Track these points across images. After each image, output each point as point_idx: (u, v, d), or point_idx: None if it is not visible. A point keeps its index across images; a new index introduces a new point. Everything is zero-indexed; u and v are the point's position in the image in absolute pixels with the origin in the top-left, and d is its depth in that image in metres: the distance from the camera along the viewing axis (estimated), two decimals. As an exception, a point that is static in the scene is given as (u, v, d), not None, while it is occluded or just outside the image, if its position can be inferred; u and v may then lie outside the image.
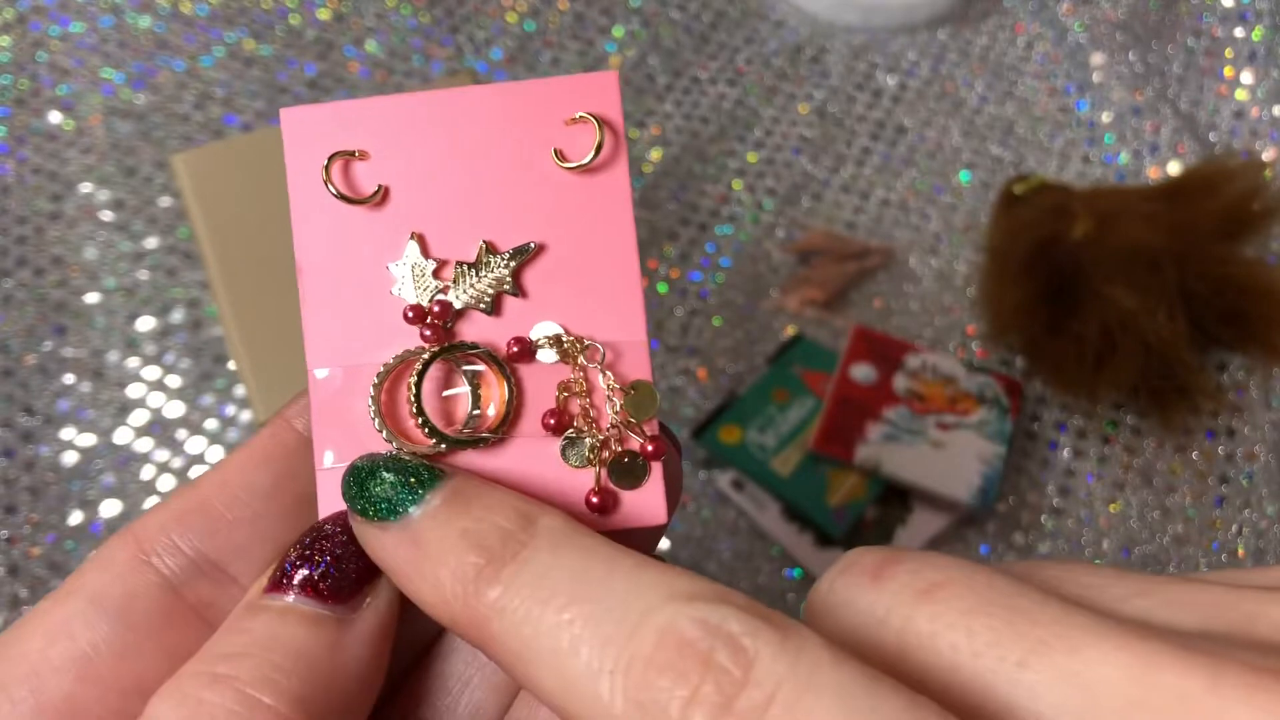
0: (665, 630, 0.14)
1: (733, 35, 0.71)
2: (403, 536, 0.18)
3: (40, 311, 0.55)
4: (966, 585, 0.15)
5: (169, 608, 0.20)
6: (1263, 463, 0.57)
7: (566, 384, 0.21)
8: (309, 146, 0.21)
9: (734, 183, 0.65)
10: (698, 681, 0.13)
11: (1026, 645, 0.14)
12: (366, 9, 0.68)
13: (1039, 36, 0.72)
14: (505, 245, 0.22)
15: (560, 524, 0.17)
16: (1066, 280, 0.56)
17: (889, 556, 0.16)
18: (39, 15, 0.64)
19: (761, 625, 0.14)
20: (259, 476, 0.21)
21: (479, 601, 0.16)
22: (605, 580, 0.15)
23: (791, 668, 0.13)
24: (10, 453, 0.52)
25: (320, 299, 0.21)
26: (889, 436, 0.54)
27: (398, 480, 0.18)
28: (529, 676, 0.15)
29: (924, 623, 0.15)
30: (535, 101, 0.22)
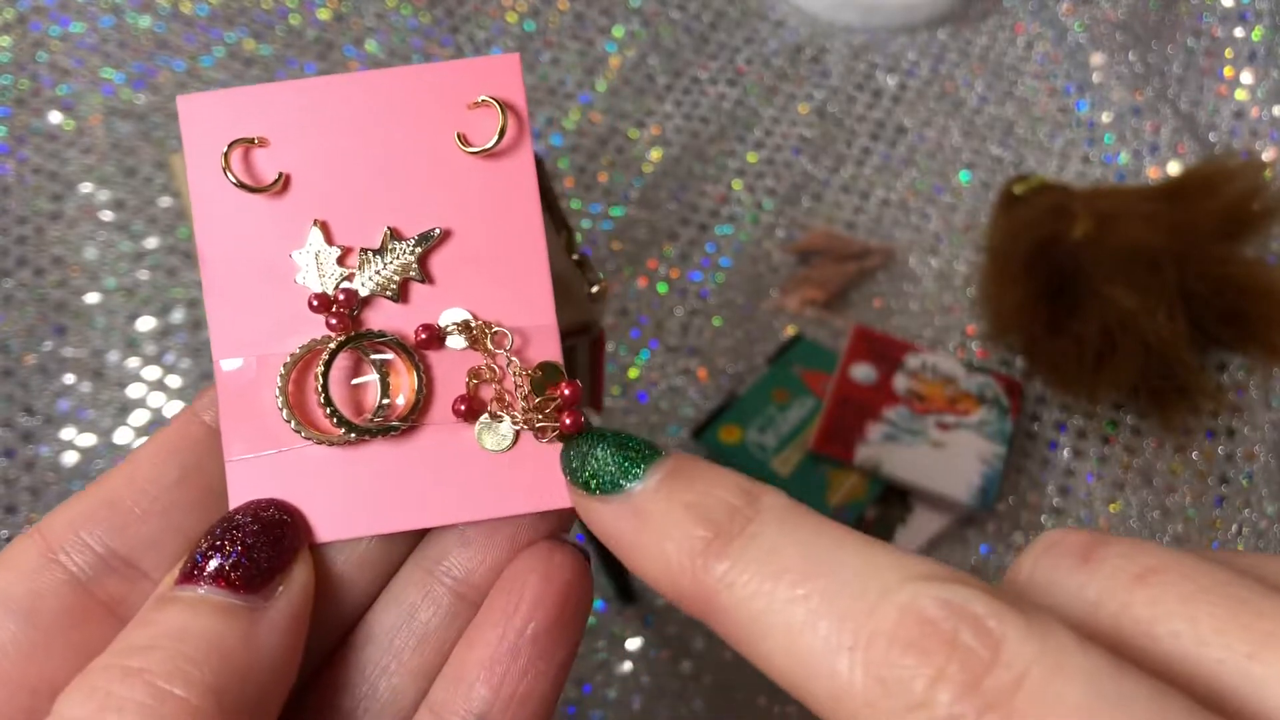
0: (907, 608, 0.14)
1: (733, 35, 0.71)
2: (624, 509, 0.18)
3: (40, 311, 0.55)
4: (1183, 572, 0.14)
5: (78, 605, 0.19)
6: (1262, 463, 0.57)
7: (476, 370, 0.21)
8: (208, 133, 0.21)
9: (734, 183, 0.65)
10: (943, 661, 0.13)
11: (1255, 637, 0.13)
12: (366, 9, 0.68)
13: (1039, 36, 0.72)
14: (410, 231, 0.21)
15: (785, 501, 0.17)
16: (1066, 280, 0.56)
17: (1096, 538, 0.15)
18: (39, 15, 0.64)
19: (1006, 608, 0.13)
20: (167, 470, 0.20)
21: (707, 575, 0.16)
22: (836, 557, 0.15)
23: (1040, 651, 0.13)
24: (10, 453, 0.52)
25: (224, 289, 0.21)
26: (889, 436, 0.54)
27: (620, 455, 0.18)
28: (760, 652, 0.15)
29: (1142, 608, 0.14)
30: (437, 85, 0.21)
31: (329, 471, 0.21)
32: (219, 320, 0.21)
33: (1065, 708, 0.12)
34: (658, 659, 0.50)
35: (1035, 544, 0.16)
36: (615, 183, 0.64)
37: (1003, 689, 0.13)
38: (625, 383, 0.57)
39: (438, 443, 0.21)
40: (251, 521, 0.19)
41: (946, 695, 0.13)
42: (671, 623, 0.51)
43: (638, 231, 0.62)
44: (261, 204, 0.21)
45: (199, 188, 0.21)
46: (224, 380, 0.21)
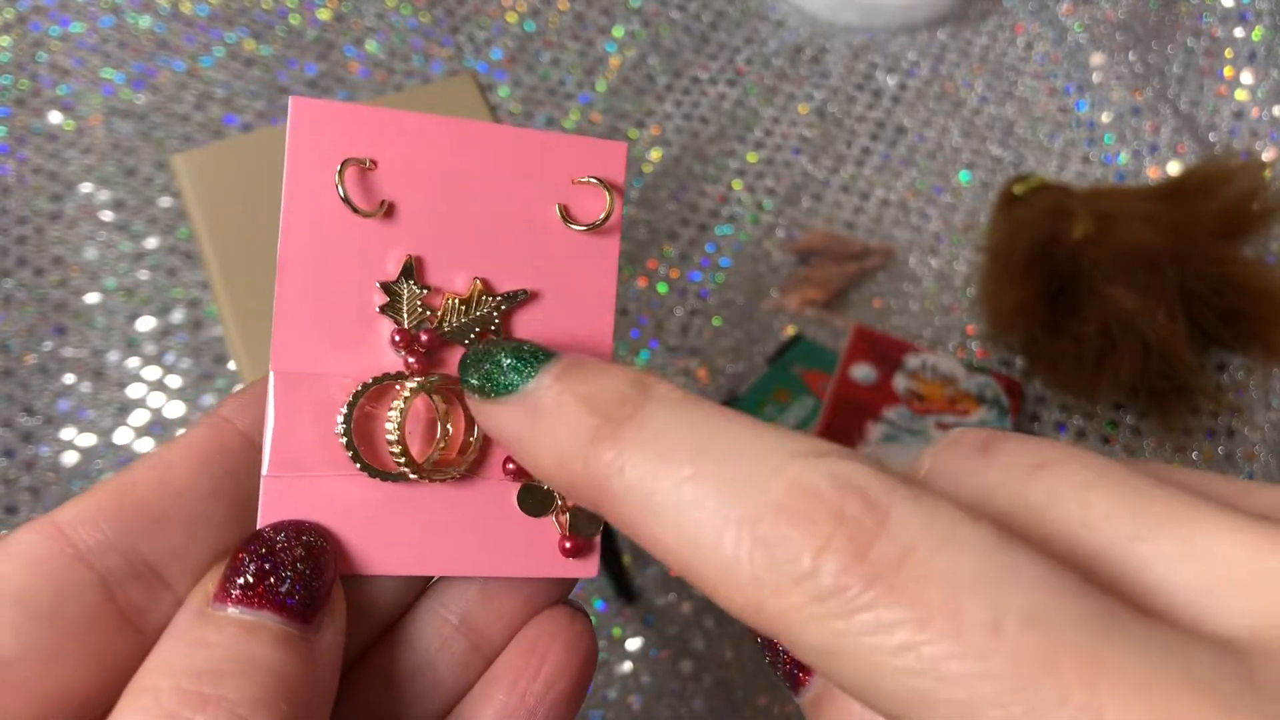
0: (795, 482, 0.13)
1: (733, 35, 0.71)
2: (520, 407, 0.17)
3: (40, 311, 0.55)
4: (1080, 463, 0.14)
5: (99, 610, 0.18)
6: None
7: None
8: (315, 141, 0.20)
9: (734, 183, 0.65)
10: (830, 531, 0.13)
11: (1144, 521, 0.13)
12: (367, 9, 0.68)
13: (1039, 36, 0.72)
14: (499, 286, 0.22)
15: (674, 390, 0.16)
16: (1066, 280, 0.56)
17: (995, 434, 0.15)
18: (39, 15, 0.64)
19: (895, 482, 0.13)
20: (200, 477, 0.19)
21: (597, 462, 0.15)
22: (726, 437, 0.15)
23: (927, 523, 0.13)
24: (10, 453, 0.52)
25: (297, 300, 0.21)
26: (889, 436, 0.54)
27: (514, 356, 0.18)
28: (650, 535, 0.15)
29: (1036, 495, 0.14)
30: (548, 154, 0.22)
31: (370, 504, 0.21)
32: (285, 331, 0.20)
33: (952, 579, 0.12)
34: (658, 659, 0.50)
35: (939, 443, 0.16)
36: (615, 183, 0.63)
37: (889, 560, 0.12)
38: (625, 383, 0.57)
39: (484, 496, 0.21)
40: (297, 545, 0.19)
41: (832, 565, 0.13)
42: (671, 623, 0.51)
43: (638, 231, 0.62)
44: (358, 225, 0.21)
45: (294, 194, 0.20)
46: (279, 392, 0.20)
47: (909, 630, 0.12)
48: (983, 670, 0.12)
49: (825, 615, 0.13)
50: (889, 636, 0.12)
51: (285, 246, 0.20)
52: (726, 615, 0.52)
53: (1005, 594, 0.12)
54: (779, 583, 0.13)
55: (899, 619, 0.12)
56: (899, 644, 0.12)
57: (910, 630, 0.12)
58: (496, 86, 0.66)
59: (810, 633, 0.13)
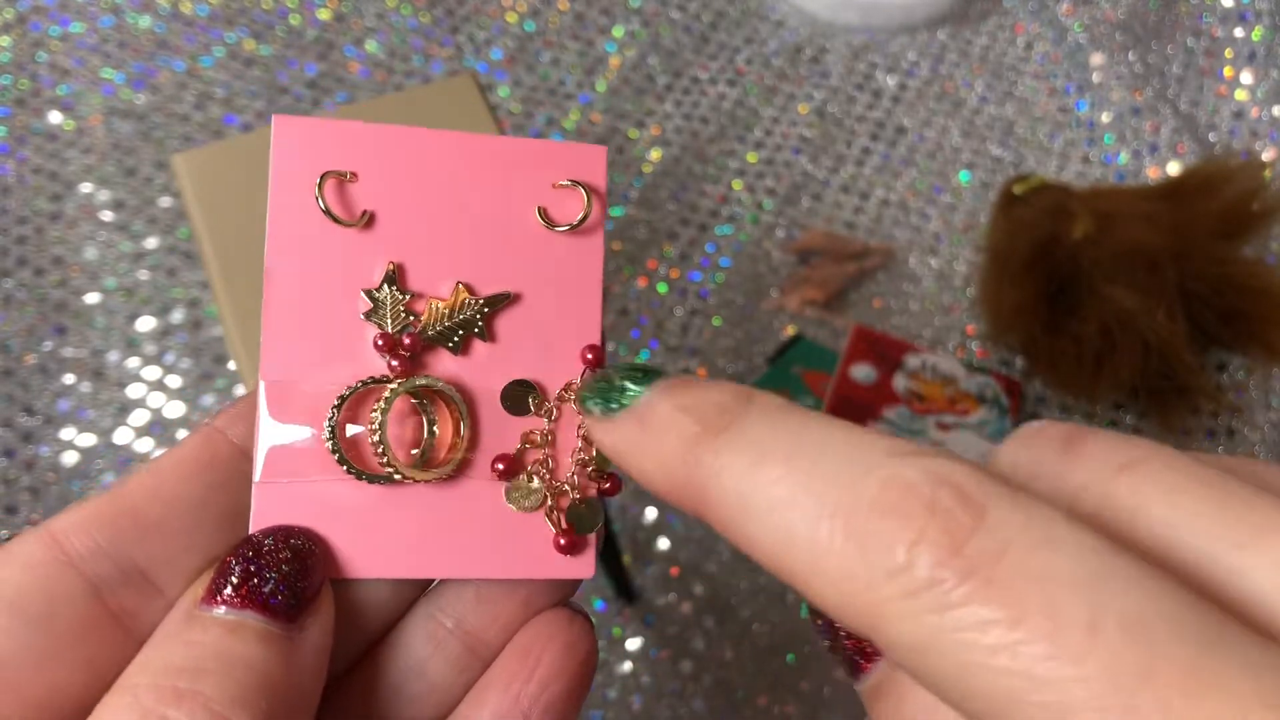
0: (890, 478, 0.13)
1: (733, 35, 0.71)
2: (629, 421, 0.18)
3: (40, 311, 0.55)
4: (1169, 464, 0.14)
5: (90, 615, 0.19)
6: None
7: (530, 435, 0.22)
8: (298, 156, 0.21)
9: (734, 183, 0.65)
10: (923, 524, 0.13)
11: (1244, 529, 0.13)
12: (367, 9, 0.68)
13: (1039, 36, 0.72)
14: (480, 289, 0.22)
15: (775, 398, 0.16)
16: (1066, 280, 0.56)
17: (1079, 429, 0.15)
18: (39, 15, 0.64)
19: (992, 481, 0.13)
20: (192, 486, 0.20)
21: (698, 468, 0.16)
22: (823, 441, 0.15)
23: (1026, 522, 0.12)
24: (10, 453, 0.52)
25: (284, 310, 0.21)
26: (889, 436, 0.54)
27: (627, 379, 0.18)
28: (747, 536, 0.15)
29: (1126, 497, 0.14)
30: (527, 159, 0.22)
31: (358, 508, 0.21)
32: (273, 340, 0.21)
33: (1050, 579, 0.12)
34: (658, 659, 0.50)
35: (1015, 435, 0.16)
36: (615, 183, 0.64)
37: (986, 555, 0.12)
38: (625, 383, 0.57)
39: (471, 497, 0.22)
40: (283, 548, 0.19)
41: (927, 558, 0.12)
42: (671, 623, 0.51)
43: (638, 231, 0.62)
44: (341, 236, 0.22)
45: (279, 206, 0.21)
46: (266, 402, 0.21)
47: (1003, 628, 0.12)
48: (1077, 674, 0.11)
49: (918, 610, 0.12)
50: (982, 634, 0.12)
51: (272, 258, 0.21)
52: (727, 615, 0.52)
53: (1104, 597, 0.12)
54: (872, 576, 0.13)
55: (993, 616, 0.12)
56: (992, 642, 0.12)
57: (1004, 629, 0.12)
58: (496, 86, 0.66)
59: (902, 628, 0.13)
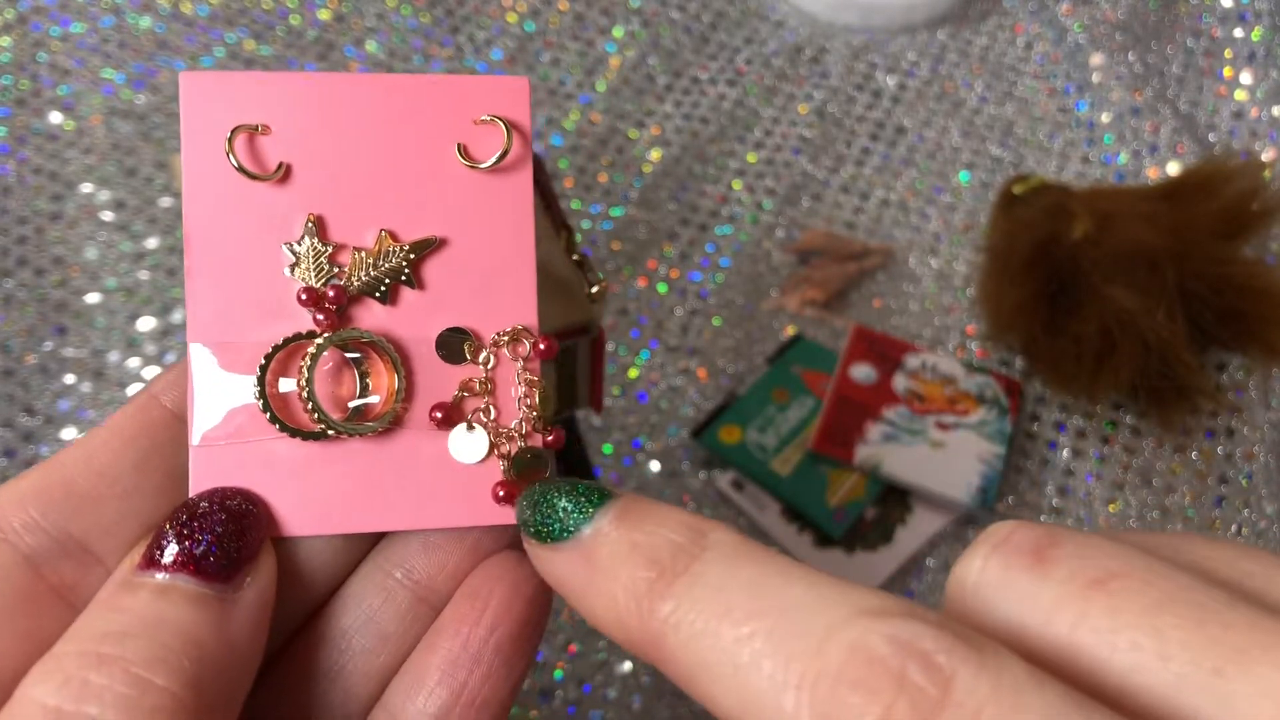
0: (855, 646, 0.13)
1: (733, 35, 0.71)
2: (575, 555, 0.17)
3: (41, 312, 0.55)
4: (1144, 578, 0.14)
5: (28, 588, 0.19)
6: (1262, 463, 0.57)
7: (468, 383, 0.22)
8: (209, 112, 0.21)
9: (734, 183, 0.65)
10: (891, 699, 0.12)
11: (1222, 652, 0.13)
12: (367, 9, 0.68)
13: (1038, 37, 0.72)
14: (405, 236, 0.21)
15: (732, 537, 0.16)
16: (1066, 280, 0.56)
17: (1046, 537, 0.15)
18: (39, 15, 0.64)
19: (956, 643, 0.13)
20: (125, 454, 0.20)
21: (652, 617, 0.15)
22: (783, 593, 0.14)
23: (994, 689, 0.12)
24: (11, 453, 0.52)
25: (207, 272, 0.21)
26: (889, 436, 0.54)
27: (570, 502, 0.18)
28: (707, 694, 0.15)
29: (1101, 618, 0.14)
30: (446, 97, 0.22)
31: (297, 466, 0.21)
32: (198, 302, 0.21)
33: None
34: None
35: (984, 539, 0.16)
36: (615, 183, 0.64)
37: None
38: (625, 383, 0.57)
39: (411, 448, 0.21)
40: (219, 510, 0.19)
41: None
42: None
43: (638, 231, 0.62)
44: (257, 191, 0.21)
45: (192, 167, 0.21)
46: (196, 365, 0.21)
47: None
48: None
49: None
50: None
51: (190, 219, 0.21)
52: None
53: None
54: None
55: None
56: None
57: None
58: (496, 87, 0.66)
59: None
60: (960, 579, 0.16)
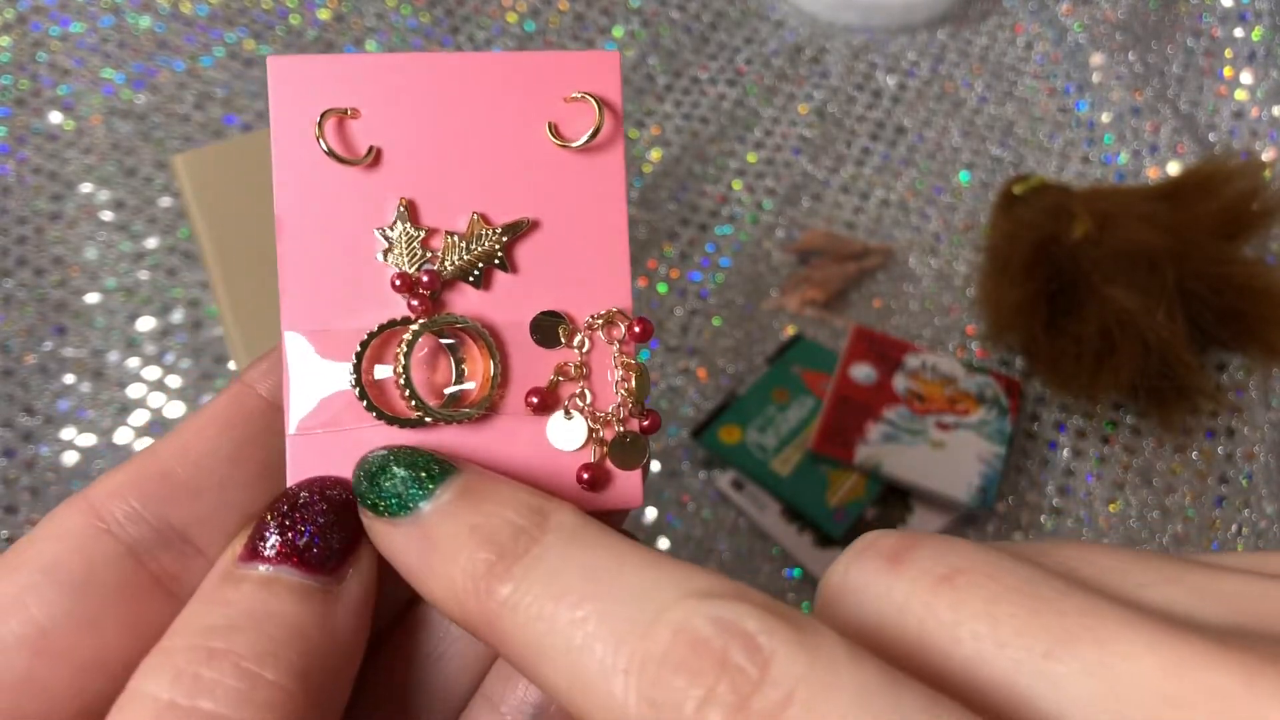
0: (680, 628, 0.14)
1: (733, 35, 0.71)
2: (413, 532, 0.17)
3: (40, 311, 0.55)
4: (987, 573, 0.14)
5: (130, 578, 0.19)
6: (1262, 463, 0.57)
7: (563, 367, 0.21)
8: (297, 97, 0.20)
9: (734, 183, 0.65)
10: (713, 681, 0.13)
11: (1053, 636, 0.13)
12: (366, 9, 0.68)
13: (1038, 36, 0.72)
14: (497, 218, 0.21)
15: (573, 519, 0.16)
16: (1066, 280, 0.56)
17: (906, 541, 0.15)
18: (39, 15, 0.64)
19: (778, 623, 0.13)
20: (222, 443, 0.20)
21: (490, 599, 0.15)
22: (618, 576, 0.15)
23: (809, 666, 0.13)
24: (10, 453, 0.52)
25: (300, 259, 0.20)
26: (889, 436, 0.54)
27: (409, 475, 0.18)
28: (540, 675, 0.15)
29: (945, 611, 0.14)
30: (535, 74, 0.21)
31: None
32: (292, 290, 0.20)
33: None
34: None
35: (852, 546, 0.16)
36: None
37: (770, 708, 0.12)
38: (625, 383, 0.57)
39: (507, 434, 0.21)
40: (320, 500, 0.19)
41: (716, 716, 0.13)
42: (671, 623, 0.51)
43: (638, 231, 0.62)
44: (348, 176, 0.21)
45: (283, 153, 0.20)
46: (291, 353, 0.20)
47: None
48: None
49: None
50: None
51: (281, 207, 0.20)
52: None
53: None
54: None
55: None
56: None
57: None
58: (496, 86, 0.66)
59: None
60: (827, 584, 0.16)
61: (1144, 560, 0.15)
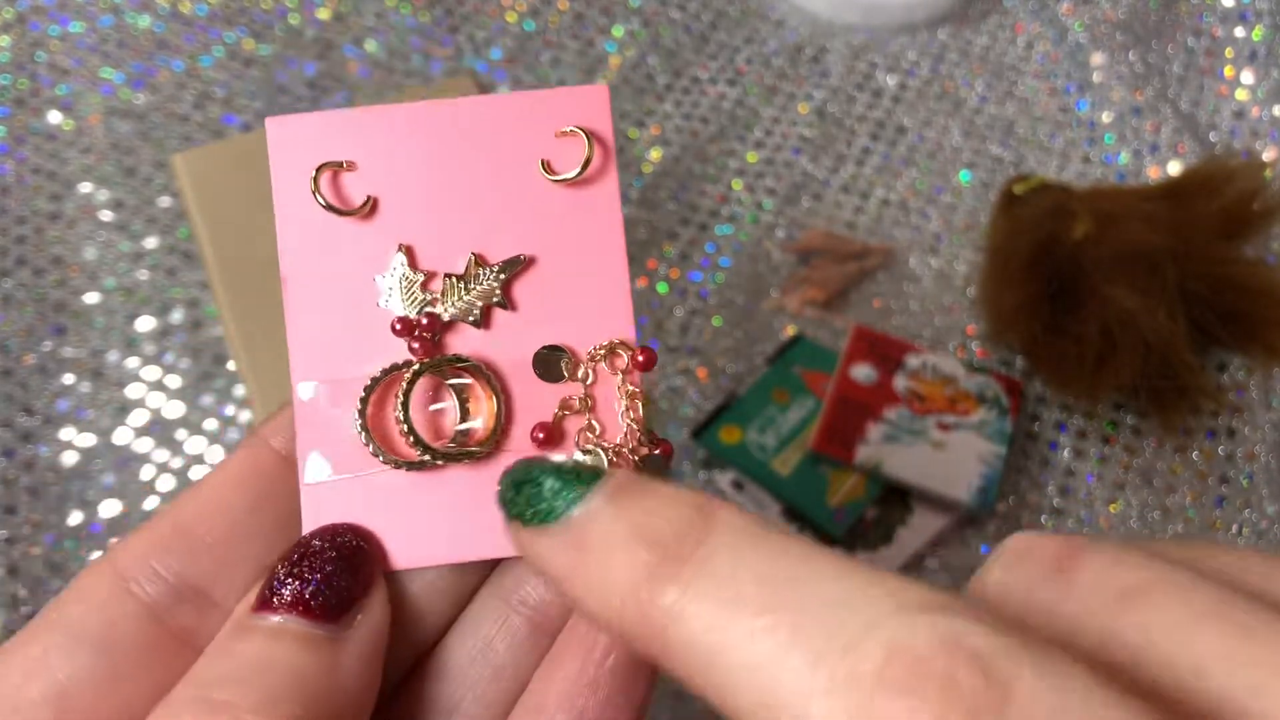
0: (895, 646, 0.12)
1: (733, 35, 0.71)
2: (564, 539, 0.16)
3: (40, 311, 0.55)
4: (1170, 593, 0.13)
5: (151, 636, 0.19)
6: (1263, 463, 0.57)
7: (568, 401, 0.21)
8: (295, 155, 0.21)
9: (734, 183, 0.65)
10: (941, 711, 0.11)
11: (1259, 670, 0.12)
12: (366, 8, 0.68)
13: (1039, 36, 0.72)
14: (494, 257, 0.21)
15: (742, 518, 0.15)
16: (1066, 280, 0.56)
17: (1071, 546, 0.14)
18: (38, 15, 0.64)
19: (1013, 643, 0.11)
20: (238, 498, 0.20)
21: (653, 605, 0.14)
22: (807, 582, 0.13)
23: (1060, 700, 0.11)
24: (10, 453, 0.52)
25: (305, 311, 0.21)
26: (889, 437, 0.54)
27: (558, 479, 0.16)
28: (719, 694, 0.13)
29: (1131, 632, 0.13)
30: (525, 113, 0.21)
31: (405, 498, 0.21)
32: (299, 342, 0.21)
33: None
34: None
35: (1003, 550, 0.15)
36: (615, 182, 0.63)
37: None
38: (625, 383, 0.57)
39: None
40: (329, 548, 0.19)
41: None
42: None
43: (638, 231, 0.62)
44: (347, 227, 0.21)
45: (284, 208, 0.21)
46: (301, 404, 0.21)
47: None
48: None
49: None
50: None
51: (285, 260, 0.21)
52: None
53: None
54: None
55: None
56: None
57: None
58: (496, 86, 0.66)
59: None
60: (979, 589, 0.15)
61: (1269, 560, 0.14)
